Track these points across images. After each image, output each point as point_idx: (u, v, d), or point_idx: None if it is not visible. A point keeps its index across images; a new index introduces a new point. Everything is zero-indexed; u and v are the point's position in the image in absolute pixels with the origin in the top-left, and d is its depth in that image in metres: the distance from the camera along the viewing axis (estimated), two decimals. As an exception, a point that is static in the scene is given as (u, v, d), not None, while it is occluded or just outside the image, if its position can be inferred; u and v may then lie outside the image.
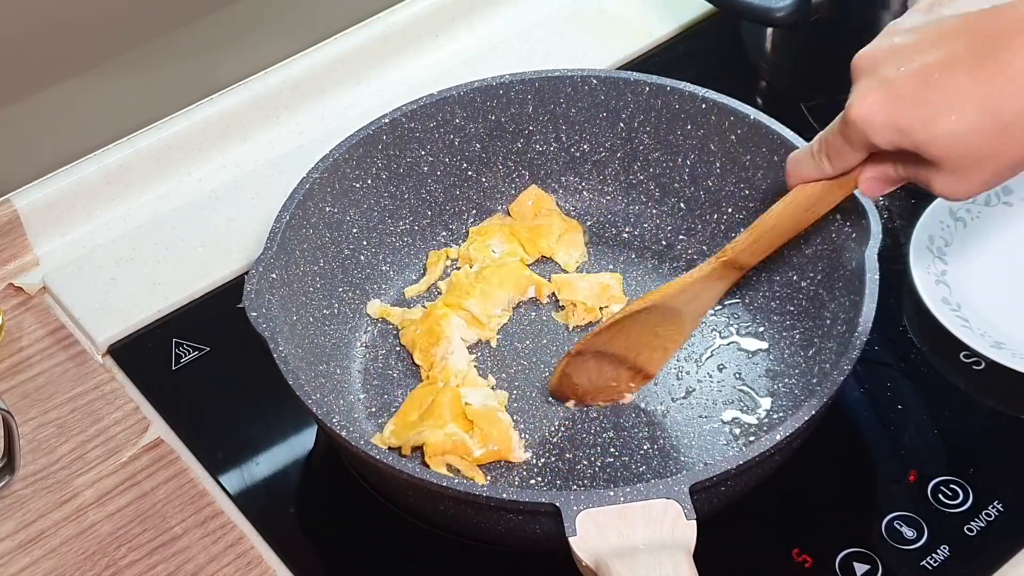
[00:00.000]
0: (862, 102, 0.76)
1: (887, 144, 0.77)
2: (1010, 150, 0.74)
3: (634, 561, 0.74)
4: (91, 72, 1.10)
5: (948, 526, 0.90)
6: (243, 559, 0.91)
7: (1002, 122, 0.73)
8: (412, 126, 1.04)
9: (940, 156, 0.75)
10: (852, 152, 0.80)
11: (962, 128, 0.73)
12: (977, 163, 0.75)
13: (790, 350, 0.98)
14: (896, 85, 0.74)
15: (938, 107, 0.73)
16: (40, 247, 1.11)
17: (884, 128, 0.76)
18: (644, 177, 1.08)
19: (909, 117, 0.74)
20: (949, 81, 0.73)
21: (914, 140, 0.75)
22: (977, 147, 0.74)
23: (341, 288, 1.02)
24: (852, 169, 0.82)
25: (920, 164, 0.77)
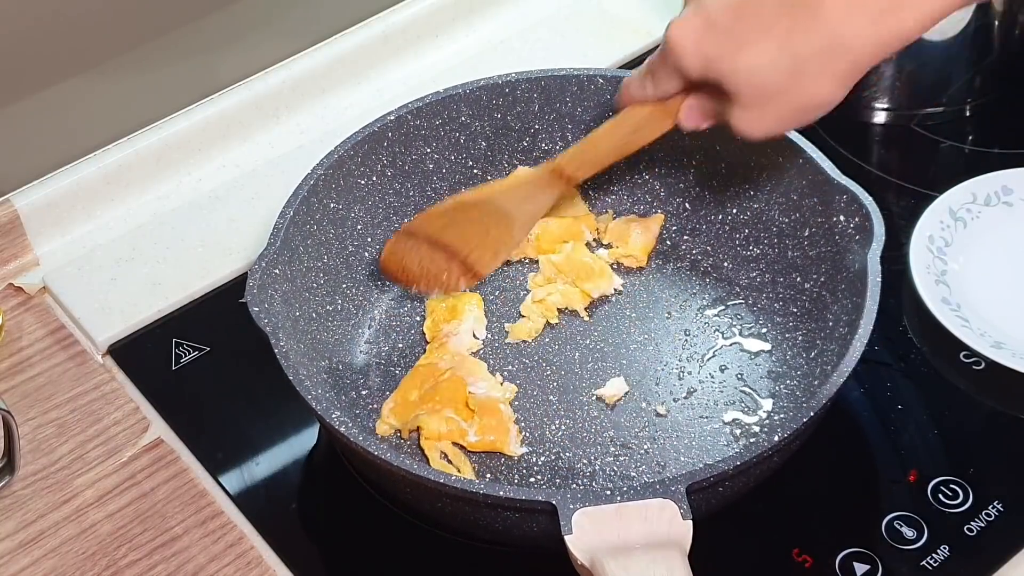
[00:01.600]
0: (678, 26, 0.79)
1: (696, 71, 0.80)
2: (803, 91, 0.77)
3: (629, 560, 0.74)
4: (91, 72, 1.10)
5: (948, 526, 0.90)
6: (243, 559, 0.91)
7: (797, 61, 0.76)
8: (418, 123, 1.04)
9: (738, 87, 0.78)
10: (669, 77, 0.83)
11: (761, 63, 0.77)
12: (770, 99, 0.78)
13: (792, 351, 0.98)
14: (710, 14, 0.77)
15: (743, 40, 0.77)
16: (40, 247, 1.11)
17: (693, 54, 0.79)
18: (649, 177, 1.08)
19: (716, 46, 0.78)
20: (757, 17, 0.76)
21: (718, 69, 0.78)
22: (772, 83, 0.77)
23: (345, 284, 1.02)
24: (673, 96, 0.85)
25: (725, 98, 0.80)
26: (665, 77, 0.84)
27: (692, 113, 0.86)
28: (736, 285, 1.03)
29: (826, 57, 0.76)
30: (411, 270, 0.98)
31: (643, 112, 0.88)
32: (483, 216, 0.95)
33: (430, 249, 0.97)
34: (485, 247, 0.96)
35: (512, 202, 0.95)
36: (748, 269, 1.03)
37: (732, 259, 1.04)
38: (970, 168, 1.10)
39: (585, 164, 0.93)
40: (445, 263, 0.97)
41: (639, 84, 0.87)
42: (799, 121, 0.81)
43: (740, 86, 0.78)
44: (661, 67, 0.83)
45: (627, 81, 0.88)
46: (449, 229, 0.96)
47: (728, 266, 1.04)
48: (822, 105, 0.79)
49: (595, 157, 0.92)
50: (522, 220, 0.96)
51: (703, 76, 0.80)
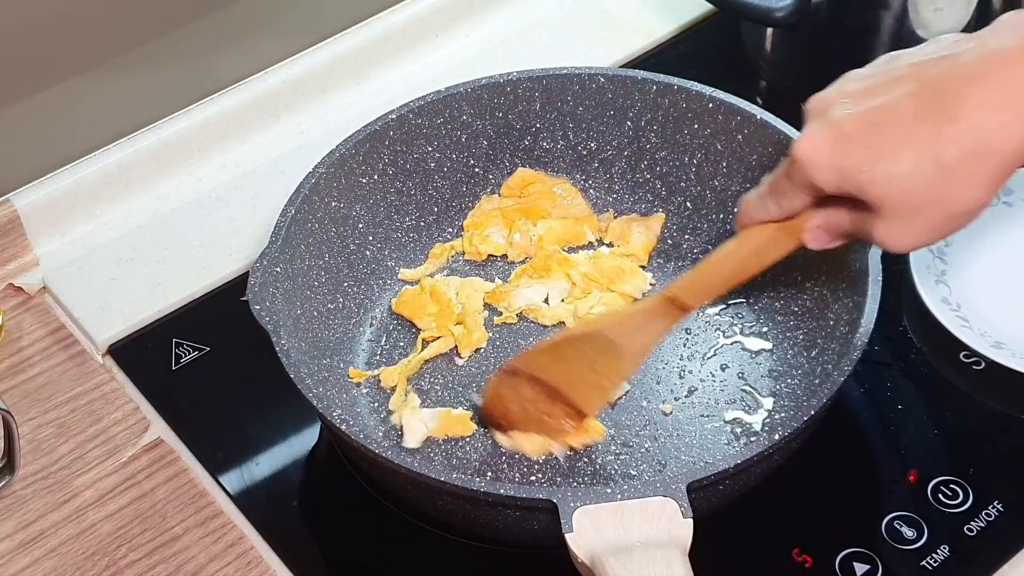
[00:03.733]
0: (807, 140, 0.76)
1: (829, 185, 0.76)
2: (950, 197, 0.74)
3: (629, 559, 0.74)
4: (91, 72, 1.10)
5: (948, 526, 0.90)
6: (243, 559, 0.91)
7: (943, 168, 0.72)
8: (419, 122, 1.04)
9: (880, 199, 0.75)
10: (797, 193, 0.80)
11: (902, 171, 0.73)
12: (917, 210, 0.75)
13: (793, 351, 0.98)
14: (841, 126, 0.74)
15: (880, 150, 0.73)
16: (40, 247, 1.11)
17: (827, 168, 0.75)
18: (650, 176, 1.08)
19: (852, 158, 0.74)
20: (893, 125, 0.73)
21: (856, 182, 0.75)
22: (917, 192, 0.74)
23: (346, 283, 1.02)
24: (798, 213, 0.81)
25: (863, 212, 0.77)
26: (793, 195, 0.80)
27: (821, 233, 0.81)
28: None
29: (972, 161, 0.72)
30: (512, 413, 0.93)
31: (765, 233, 0.83)
32: (591, 351, 0.89)
33: (532, 389, 0.91)
34: (591, 385, 0.91)
35: (622, 335, 0.88)
36: (749, 268, 1.03)
37: (733, 258, 1.04)
38: (970, 168, 1.10)
39: (701, 292, 0.88)
40: (547, 405, 0.91)
41: (760, 204, 0.82)
42: (948, 230, 0.76)
43: (883, 199, 0.75)
44: (787, 184, 0.79)
45: (747, 200, 0.84)
46: (552, 368, 0.90)
47: (729, 265, 1.04)
48: (971, 211, 0.75)
49: (713, 284, 0.87)
50: (632, 352, 0.89)
51: (839, 191, 0.76)
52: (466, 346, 1.00)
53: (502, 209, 1.07)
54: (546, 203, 1.07)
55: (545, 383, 0.90)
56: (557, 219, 1.06)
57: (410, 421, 0.95)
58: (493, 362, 1.00)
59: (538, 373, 0.90)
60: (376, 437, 0.94)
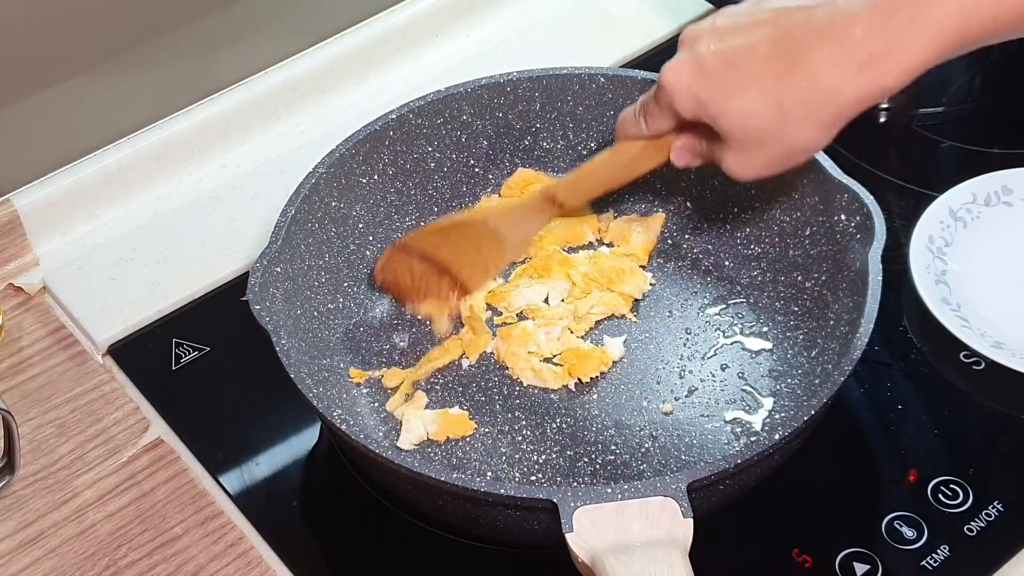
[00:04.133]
0: (672, 69, 0.83)
1: (688, 112, 0.83)
2: (789, 137, 0.80)
3: (629, 558, 0.74)
4: (91, 72, 1.10)
5: (948, 526, 0.90)
6: (243, 559, 0.91)
7: (784, 110, 0.79)
8: (419, 122, 1.04)
9: (727, 131, 0.82)
10: (663, 116, 0.86)
11: (748, 109, 0.80)
12: (759, 144, 0.82)
13: (793, 350, 0.98)
14: (703, 59, 0.81)
15: (732, 86, 0.80)
16: (40, 247, 1.11)
17: (685, 97, 0.82)
18: (650, 176, 1.06)
19: (707, 90, 0.81)
20: (747, 65, 0.79)
21: (709, 112, 0.82)
22: (759, 128, 0.81)
23: (346, 283, 1.02)
24: (665, 134, 0.88)
25: (717, 140, 0.84)
26: (659, 116, 0.87)
27: (684, 152, 0.89)
28: (737, 284, 1.03)
29: (811, 107, 0.79)
30: (403, 283, 1.01)
31: (637, 147, 0.91)
32: (476, 236, 0.98)
33: (422, 264, 0.99)
34: (476, 265, 0.99)
35: (504, 224, 0.97)
36: (749, 268, 1.03)
37: (733, 258, 1.04)
38: (970, 168, 1.10)
39: (577, 193, 0.95)
40: (437, 278, 0.99)
41: (633, 121, 0.89)
42: (785, 165, 0.84)
43: (730, 130, 0.82)
44: (655, 106, 0.86)
45: (622, 117, 0.91)
46: (442, 246, 0.99)
47: (729, 265, 1.04)
48: (807, 150, 0.82)
49: (587, 187, 0.95)
50: (513, 241, 0.98)
51: (695, 117, 0.83)
52: (474, 350, 1.00)
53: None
54: None
55: (433, 259, 0.99)
56: (557, 219, 1.06)
57: (410, 421, 0.95)
58: (493, 361, 1.00)
59: (427, 250, 0.99)
60: (376, 437, 0.94)
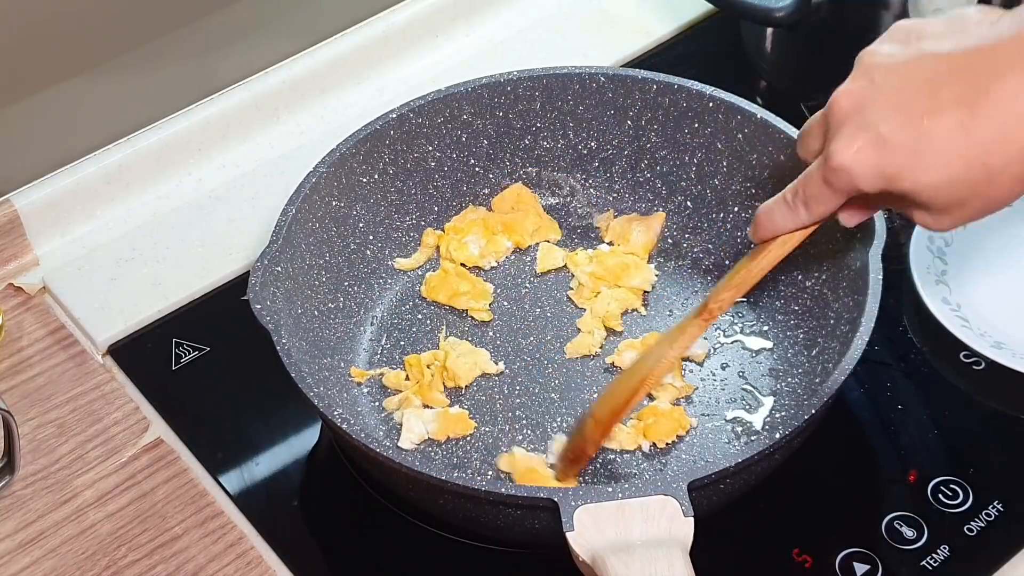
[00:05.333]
0: (848, 150, 0.75)
1: (873, 189, 0.75)
2: (991, 196, 0.74)
3: (630, 557, 0.74)
4: (91, 72, 1.10)
5: (948, 526, 0.90)
6: (243, 559, 0.91)
7: (989, 173, 0.72)
8: (420, 121, 1.04)
9: (926, 201, 0.75)
10: (835, 198, 0.78)
11: (950, 178, 0.73)
12: (961, 205, 0.75)
13: (794, 349, 0.98)
14: (883, 133, 0.73)
15: (926, 157, 0.73)
16: (40, 247, 1.11)
17: (871, 176, 0.75)
18: (651, 175, 1.08)
19: (897, 165, 0.73)
20: (937, 130, 0.72)
21: (901, 187, 0.74)
22: (961, 195, 0.74)
23: (347, 282, 1.02)
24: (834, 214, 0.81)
25: (902, 202, 0.77)
26: (830, 200, 0.78)
27: (852, 215, 0.82)
28: (737, 283, 1.03)
29: (1016, 164, 0.72)
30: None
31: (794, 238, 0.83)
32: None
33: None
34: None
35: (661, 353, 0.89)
36: (750, 267, 1.03)
37: (734, 257, 1.04)
38: (970, 168, 1.09)
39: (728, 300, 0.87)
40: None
41: (790, 213, 0.81)
42: (983, 216, 0.77)
43: (929, 200, 0.75)
44: (824, 191, 0.78)
45: (768, 211, 0.82)
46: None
47: (730, 264, 1.04)
48: (1007, 204, 0.76)
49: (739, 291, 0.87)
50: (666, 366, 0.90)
51: (883, 193, 0.76)
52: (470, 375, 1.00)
53: (485, 219, 1.07)
54: (530, 224, 1.07)
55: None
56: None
57: (411, 420, 0.95)
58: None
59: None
60: (377, 436, 0.94)
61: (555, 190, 1.09)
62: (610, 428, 0.90)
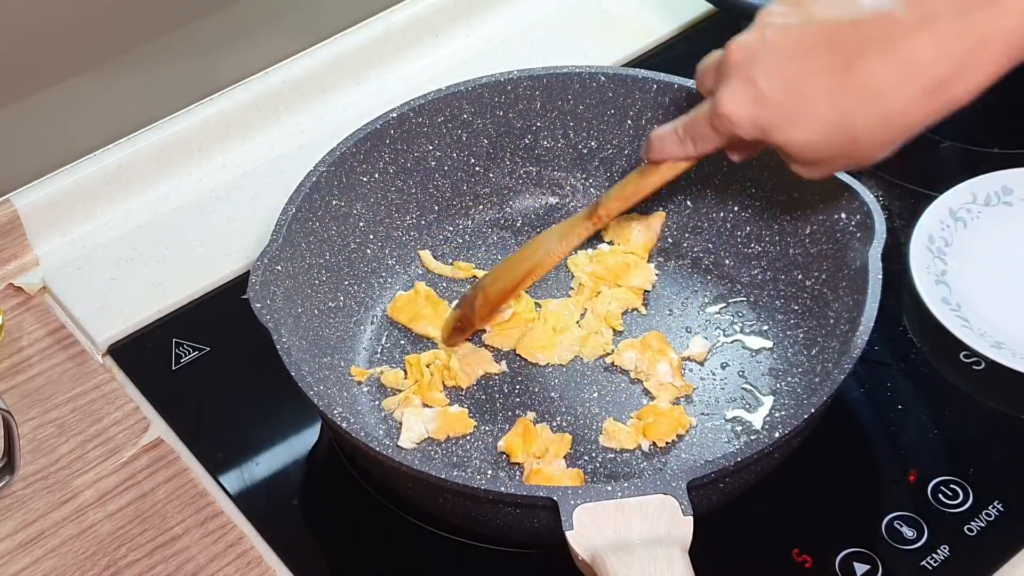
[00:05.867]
0: (731, 100, 0.80)
1: (749, 137, 0.81)
2: (854, 155, 0.80)
3: (630, 556, 0.74)
4: (91, 72, 1.10)
5: (948, 526, 0.90)
6: (243, 559, 0.91)
7: (851, 136, 0.78)
8: (420, 121, 1.04)
9: (794, 156, 0.81)
10: (718, 139, 0.85)
11: (815, 138, 0.79)
12: (828, 160, 0.81)
13: (793, 349, 0.98)
14: (763, 89, 0.79)
15: (797, 115, 0.78)
16: (40, 247, 1.11)
17: (748, 126, 0.80)
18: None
19: (771, 119, 0.79)
20: (808, 93, 0.77)
21: (773, 139, 0.80)
22: (826, 153, 0.80)
23: (347, 281, 1.02)
24: (714, 152, 0.86)
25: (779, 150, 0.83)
26: (711, 139, 0.85)
27: (740, 154, 0.87)
28: (737, 282, 1.03)
29: (879, 131, 0.78)
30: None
31: (680, 166, 0.89)
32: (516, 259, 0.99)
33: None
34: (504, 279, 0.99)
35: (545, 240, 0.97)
36: (750, 266, 1.03)
37: (734, 256, 1.04)
38: (970, 168, 1.10)
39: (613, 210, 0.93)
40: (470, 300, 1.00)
41: (677, 143, 0.87)
42: (851, 169, 0.85)
43: (797, 155, 0.81)
44: (709, 132, 0.84)
45: (660, 137, 0.88)
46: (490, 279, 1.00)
47: (730, 263, 1.04)
48: (872, 162, 0.81)
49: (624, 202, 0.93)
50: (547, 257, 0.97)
51: (757, 141, 0.82)
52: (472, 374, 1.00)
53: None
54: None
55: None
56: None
57: (410, 419, 0.95)
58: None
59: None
60: (377, 436, 0.94)
61: (555, 189, 1.09)
62: (496, 308, 0.99)
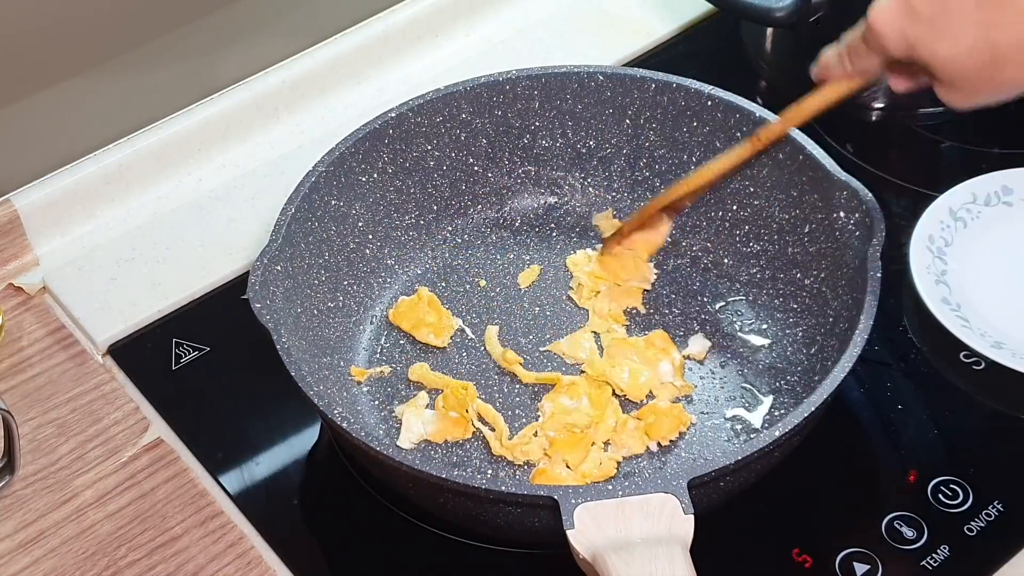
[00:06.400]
0: (882, 11, 0.83)
1: (898, 52, 0.84)
2: (1001, 75, 0.81)
3: (630, 555, 0.74)
4: (91, 72, 1.10)
5: (948, 526, 0.90)
6: (243, 559, 0.91)
7: (996, 52, 0.80)
8: (419, 121, 1.04)
9: (940, 71, 0.82)
10: (870, 56, 0.87)
11: (959, 52, 0.81)
12: (971, 82, 0.82)
13: (793, 347, 0.98)
14: (912, 2, 0.81)
15: (943, 29, 0.81)
16: (40, 247, 1.11)
17: (895, 38, 0.83)
18: (649, 174, 1.08)
19: (917, 32, 0.82)
20: (956, 7, 0.80)
21: (920, 54, 0.82)
22: (972, 69, 0.81)
23: (346, 281, 1.02)
24: (872, 72, 0.89)
25: (927, 72, 0.84)
26: (866, 57, 0.87)
27: (899, 81, 0.89)
28: (737, 281, 1.03)
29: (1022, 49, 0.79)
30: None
31: (844, 86, 0.92)
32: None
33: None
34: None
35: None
36: (748, 265, 1.03)
37: (733, 255, 1.04)
38: (970, 168, 1.10)
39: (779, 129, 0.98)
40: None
41: (838, 63, 0.90)
42: (998, 98, 0.84)
43: (943, 70, 0.82)
44: (862, 47, 0.87)
45: (824, 58, 0.92)
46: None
47: (729, 262, 1.04)
48: (1019, 88, 0.83)
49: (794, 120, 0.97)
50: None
51: (906, 57, 0.84)
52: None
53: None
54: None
55: None
56: None
57: (410, 419, 0.95)
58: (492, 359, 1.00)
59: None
60: (377, 435, 0.94)
61: (554, 189, 1.09)
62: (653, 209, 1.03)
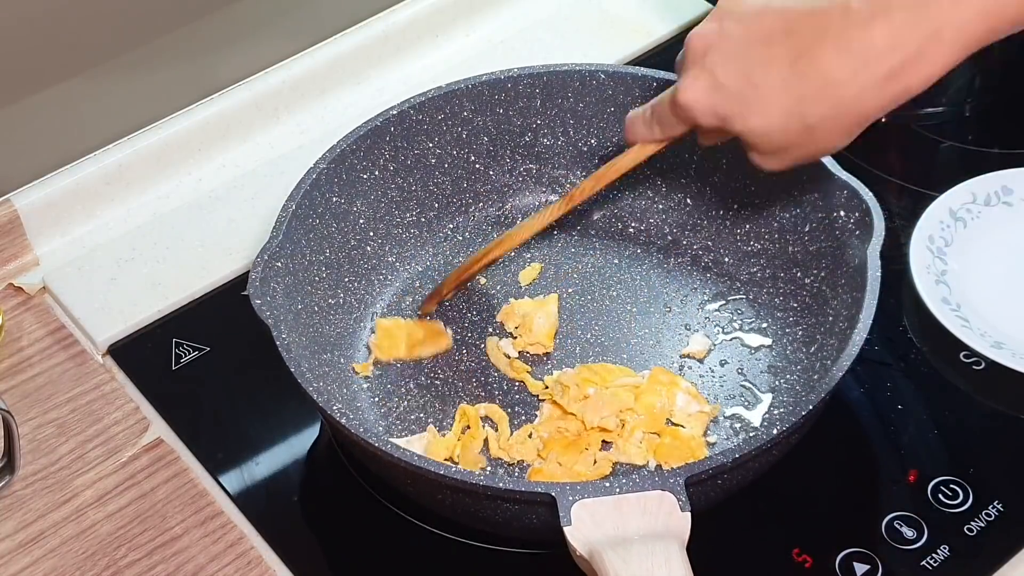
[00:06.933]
0: (690, 89, 0.83)
1: (709, 125, 0.84)
2: (813, 143, 0.82)
3: (627, 552, 0.74)
4: (91, 72, 1.10)
5: (948, 526, 0.90)
6: (243, 559, 0.91)
7: (806, 124, 0.80)
8: (420, 118, 1.04)
9: (752, 144, 0.84)
10: (679, 126, 0.87)
11: (772, 124, 0.81)
12: (785, 149, 0.83)
13: (792, 346, 0.98)
14: (719, 78, 0.82)
15: (752, 102, 0.81)
16: (40, 247, 1.11)
17: (707, 113, 0.83)
18: (650, 172, 1.08)
19: (727, 108, 0.82)
20: (764, 82, 0.80)
21: (732, 127, 0.83)
22: (785, 139, 0.82)
23: (347, 278, 1.02)
24: (681, 137, 0.89)
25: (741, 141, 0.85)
26: (676, 126, 0.88)
27: (709, 138, 0.89)
28: (737, 280, 1.03)
29: (835, 120, 0.80)
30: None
31: (650, 148, 0.92)
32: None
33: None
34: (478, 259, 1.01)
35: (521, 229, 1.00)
36: (749, 264, 1.03)
37: (733, 254, 1.04)
38: (970, 168, 1.10)
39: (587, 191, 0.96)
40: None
41: (646, 128, 0.90)
42: (810, 160, 0.86)
43: (754, 142, 0.83)
44: (672, 118, 0.87)
45: (632, 121, 0.92)
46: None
47: (729, 261, 1.04)
48: (830, 152, 0.85)
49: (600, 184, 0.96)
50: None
51: (717, 130, 0.84)
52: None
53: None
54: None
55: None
56: None
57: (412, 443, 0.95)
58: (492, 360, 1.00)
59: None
60: (376, 431, 0.94)
61: (555, 187, 1.10)
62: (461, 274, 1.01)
